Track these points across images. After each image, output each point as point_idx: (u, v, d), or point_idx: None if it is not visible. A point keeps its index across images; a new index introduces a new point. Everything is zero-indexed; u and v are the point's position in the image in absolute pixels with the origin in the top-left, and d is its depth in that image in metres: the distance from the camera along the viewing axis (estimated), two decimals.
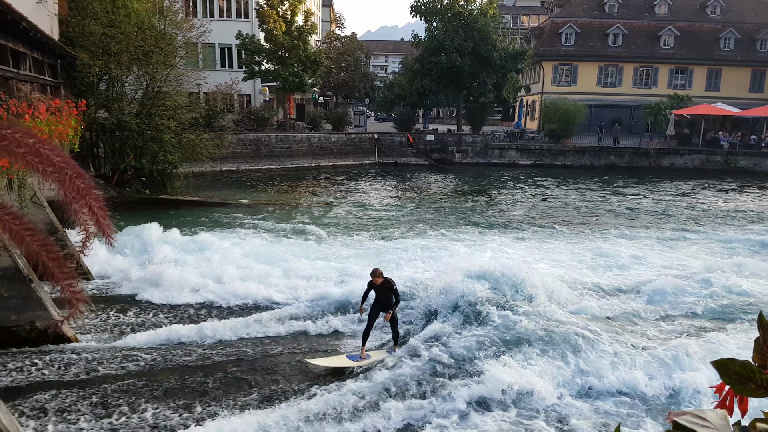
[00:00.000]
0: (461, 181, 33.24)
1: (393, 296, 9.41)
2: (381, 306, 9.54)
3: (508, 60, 41.79)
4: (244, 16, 41.68)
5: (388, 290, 9.41)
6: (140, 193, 22.11)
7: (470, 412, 7.89)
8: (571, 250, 16.52)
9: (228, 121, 32.49)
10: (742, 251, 16.75)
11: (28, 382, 8.49)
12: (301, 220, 20.24)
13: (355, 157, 39.39)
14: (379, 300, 9.53)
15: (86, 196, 1.40)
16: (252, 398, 8.28)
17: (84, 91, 21.17)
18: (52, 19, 19.51)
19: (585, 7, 50.73)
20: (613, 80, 48.94)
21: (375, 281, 9.39)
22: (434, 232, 18.63)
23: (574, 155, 40.79)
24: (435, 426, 7.61)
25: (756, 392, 1.11)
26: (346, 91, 66.93)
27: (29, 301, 9.57)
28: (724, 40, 47.97)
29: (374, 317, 9.68)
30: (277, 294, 12.55)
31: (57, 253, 1.42)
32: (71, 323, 1.61)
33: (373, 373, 8.95)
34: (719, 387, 1.24)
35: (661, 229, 20.30)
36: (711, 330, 10.70)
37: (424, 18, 41.90)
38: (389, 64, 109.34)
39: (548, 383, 8.49)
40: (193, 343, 10.21)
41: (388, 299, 9.45)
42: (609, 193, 29.06)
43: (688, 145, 41.91)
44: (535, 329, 9.77)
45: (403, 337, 10.34)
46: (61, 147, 1.40)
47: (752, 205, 26.29)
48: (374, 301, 9.66)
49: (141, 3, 23.19)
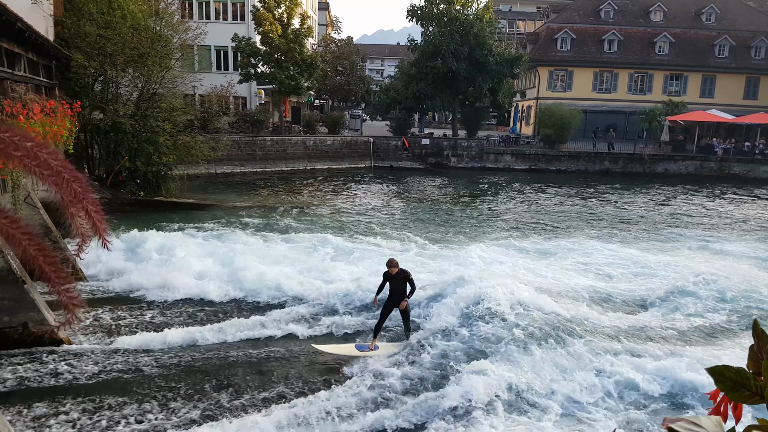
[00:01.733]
0: (456, 186, 33.28)
1: (408, 286, 9.67)
2: (394, 300, 9.79)
3: (503, 65, 41.97)
4: (241, 18, 41.68)
5: (403, 281, 9.68)
6: (135, 195, 22.02)
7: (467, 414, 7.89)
8: (566, 255, 16.56)
9: (223, 124, 32.45)
10: (738, 257, 16.81)
11: (20, 384, 8.43)
12: (294, 222, 20.22)
13: (350, 160, 39.40)
14: (394, 293, 9.79)
15: (83, 200, 1.40)
16: (249, 400, 8.25)
17: (79, 92, 21.08)
18: (47, 19, 19.44)
19: (581, 13, 50.98)
20: (608, 86, 49.17)
21: (391, 271, 9.66)
22: (429, 236, 18.65)
23: (568, 160, 40.93)
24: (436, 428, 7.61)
25: (750, 399, 1.12)
26: (342, 95, 66.97)
27: (22, 302, 9.51)
28: (719, 47, 48.28)
29: (387, 312, 9.93)
30: (273, 296, 12.54)
31: (54, 257, 1.42)
32: (67, 329, 1.60)
33: (379, 371, 8.99)
34: (714, 394, 1.25)
35: (656, 233, 20.38)
36: (708, 336, 10.75)
37: (421, 22, 42.03)
38: (385, 68, 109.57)
39: (545, 385, 8.50)
40: (187, 345, 10.16)
41: (402, 290, 9.71)
42: (603, 199, 29.16)
43: (682, 152, 42.12)
44: (532, 334, 9.79)
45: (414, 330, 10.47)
46: (58, 150, 1.40)
47: (749, 212, 26.41)
48: (389, 294, 9.88)
49: (137, 5, 23.15)
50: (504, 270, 13.76)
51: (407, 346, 9.91)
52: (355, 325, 11.23)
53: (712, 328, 11.25)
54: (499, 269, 13.76)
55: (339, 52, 64.29)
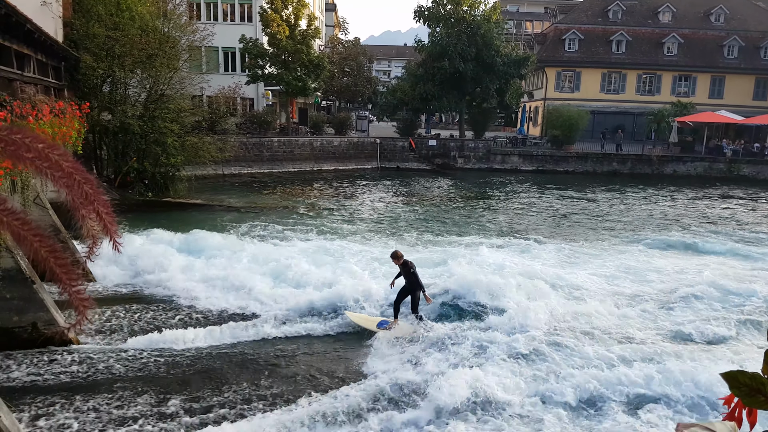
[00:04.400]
0: (463, 187, 33.23)
1: (414, 279, 10.37)
2: (406, 287, 10.57)
3: (511, 66, 41.89)
4: (248, 20, 41.82)
5: (408, 273, 10.31)
6: (142, 196, 22.10)
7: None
8: (577, 257, 16.50)
9: (231, 125, 32.54)
10: (753, 261, 16.68)
11: (29, 383, 8.48)
12: (302, 223, 20.25)
13: (357, 161, 39.43)
14: (405, 280, 10.55)
15: (94, 202, 1.40)
16: (252, 403, 8.26)
17: (87, 94, 21.19)
18: (56, 21, 19.56)
19: (589, 14, 50.80)
20: (616, 87, 48.96)
21: (395, 263, 10.49)
22: (436, 236, 18.64)
23: (576, 162, 40.78)
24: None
25: (765, 404, 1.10)
26: (349, 96, 67.08)
27: (31, 302, 9.57)
28: (728, 48, 47.99)
29: (402, 296, 10.71)
30: (280, 298, 12.51)
31: (65, 259, 1.42)
32: (78, 331, 1.61)
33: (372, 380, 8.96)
34: (728, 399, 1.24)
35: (668, 235, 20.25)
36: (722, 341, 10.64)
37: (428, 23, 42.01)
38: (392, 68, 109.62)
39: (554, 391, 8.46)
40: (197, 346, 10.18)
41: (411, 281, 10.44)
42: (613, 200, 29.03)
43: (691, 153, 41.90)
44: (542, 339, 9.76)
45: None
46: (69, 152, 1.40)
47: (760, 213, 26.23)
48: (405, 281, 10.65)
49: (145, 6, 23.26)
50: (514, 271, 13.68)
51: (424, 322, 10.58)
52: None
53: (726, 332, 11.12)
54: (509, 270, 13.68)
55: (346, 53, 64.42)
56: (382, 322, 10.84)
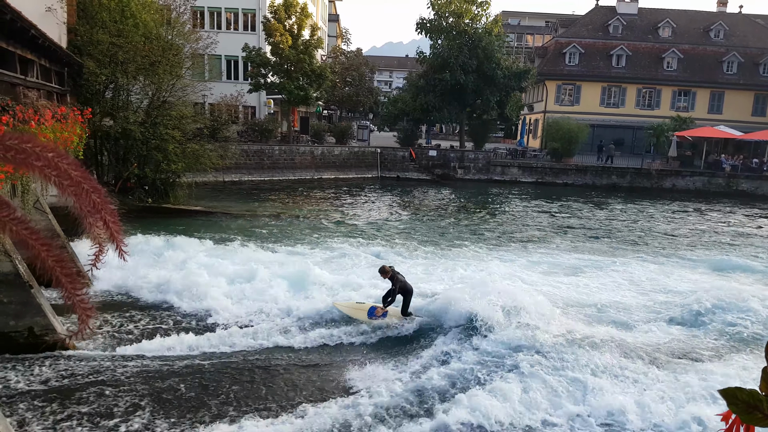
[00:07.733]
0: (463, 197, 33.26)
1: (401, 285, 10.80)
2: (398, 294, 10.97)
3: (511, 78, 42.11)
4: (251, 29, 42.02)
5: (395, 283, 10.75)
6: (143, 202, 22.11)
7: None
8: (580, 270, 16.50)
9: (232, 132, 32.62)
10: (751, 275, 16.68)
11: (24, 388, 8.43)
12: (300, 232, 20.25)
13: (357, 170, 39.50)
14: (398, 291, 10.93)
15: (102, 211, 1.42)
16: (249, 410, 8.22)
17: (90, 99, 21.24)
18: (60, 27, 19.64)
19: (589, 28, 51.11)
20: (616, 101, 49.16)
21: (384, 277, 10.87)
22: (433, 248, 18.64)
23: (575, 174, 40.88)
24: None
25: (763, 422, 1.11)
26: (351, 106, 67.32)
27: (28, 306, 9.54)
28: (728, 64, 48.25)
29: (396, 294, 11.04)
30: (277, 306, 12.48)
31: (69, 267, 1.43)
32: (79, 338, 1.62)
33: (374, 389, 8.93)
34: (726, 415, 1.25)
35: (672, 249, 20.25)
36: (719, 356, 10.62)
37: (430, 35, 42.24)
38: (394, 79, 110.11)
39: (556, 408, 8.44)
40: (193, 352, 10.15)
41: (400, 288, 10.84)
42: (611, 213, 29.05)
43: (690, 167, 41.97)
44: (546, 353, 9.73)
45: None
46: (78, 161, 1.42)
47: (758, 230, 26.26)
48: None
49: (149, 14, 23.37)
50: (515, 283, 13.67)
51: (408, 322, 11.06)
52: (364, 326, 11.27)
53: (724, 347, 11.11)
54: (509, 282, 13.66)
55: (348, 63, 64.72)
56: (372, 309, 11.13)
